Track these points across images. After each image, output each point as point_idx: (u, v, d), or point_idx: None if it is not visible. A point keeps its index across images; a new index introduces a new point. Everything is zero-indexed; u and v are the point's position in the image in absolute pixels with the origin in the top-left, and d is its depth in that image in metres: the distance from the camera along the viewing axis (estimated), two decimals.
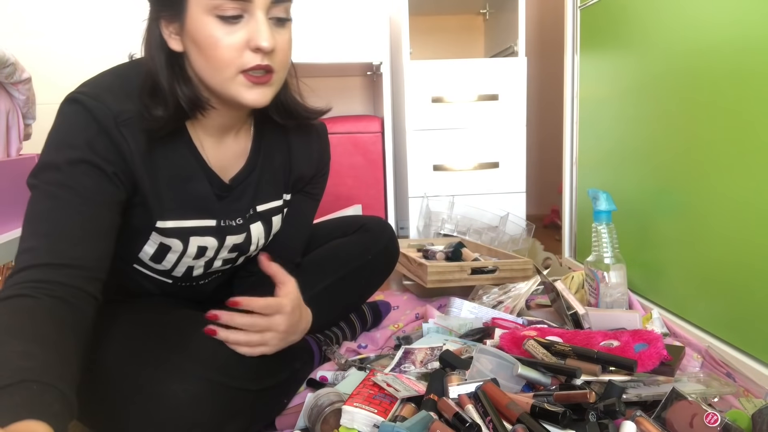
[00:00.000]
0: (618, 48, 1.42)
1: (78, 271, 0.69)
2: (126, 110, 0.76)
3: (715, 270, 1.08)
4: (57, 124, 0.77)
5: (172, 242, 0.86)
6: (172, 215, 0.85)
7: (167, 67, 0.79)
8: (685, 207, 1.16)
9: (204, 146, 0.87)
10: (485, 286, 1.44)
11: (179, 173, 0.84)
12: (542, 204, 2.68)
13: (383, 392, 0.84)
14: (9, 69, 1.05)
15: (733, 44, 1.01)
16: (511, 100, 2.01)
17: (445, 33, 2.58)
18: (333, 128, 2.06)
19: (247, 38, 0.75)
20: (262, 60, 0.76)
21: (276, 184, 0.97)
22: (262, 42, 0.75)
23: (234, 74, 0.77)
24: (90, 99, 0.75)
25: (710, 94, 1.07)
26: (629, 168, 1.39)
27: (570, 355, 0.91)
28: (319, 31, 1.94)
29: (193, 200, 0.86)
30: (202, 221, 0.88)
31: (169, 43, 0.79)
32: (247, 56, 0.76)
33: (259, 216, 0.96)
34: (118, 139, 0.76)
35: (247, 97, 0.78)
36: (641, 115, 1.32)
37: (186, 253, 0.88)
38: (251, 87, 0.78)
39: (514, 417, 0.74)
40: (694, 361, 1.03)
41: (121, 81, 0.80)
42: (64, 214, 0.71)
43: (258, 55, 0.76)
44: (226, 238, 0.91)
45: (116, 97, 0.77)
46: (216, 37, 0.74)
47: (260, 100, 0.79)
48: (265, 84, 0.79)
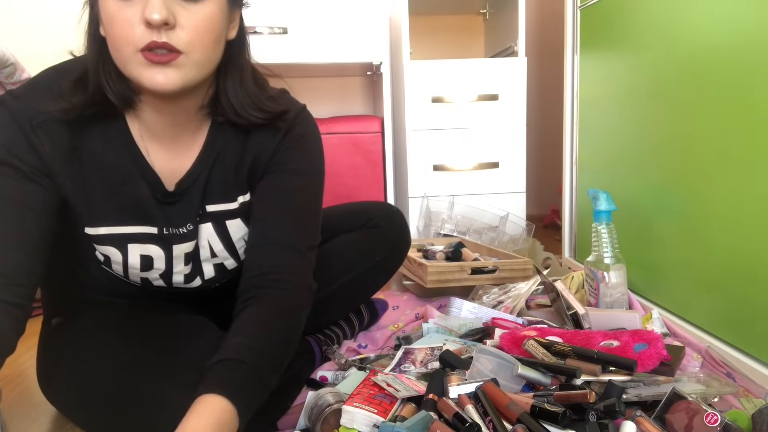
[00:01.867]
0: (618, 48, 1.42)
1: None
2: (47, 111, 0.73)
3: (715, 270, 1.08)
4: None
5: (108, 250, 0.82)
6: (103, 221, 0.80)
7: (95, 53, 0.74)
8: (686, 207, 1.16)
9: (150, 150, 0.81)
10: (485, 286, 1.44)
11: (112, 175, 0.79)
12: (542, 204, 2.68)
13: (383, 392, 0.84)
14: (9, 69, 1.05)
15: (733, 44, 1.01)
16: (511, 100, 2.01)
17: (445, 33, 2.58)
18: (333, 128, 2.06)
19: (141, 12, 0.67)
20: (158, 36, 0.67)
21: (228, 185, 0.87)
22: (151, 14, 0.66)
23: (132, 53, 0.68)
24: (13, 99, 0.74)
25: (710, 94, 1.07)
26: (629, 168, 1.39)
27: (570, 355, 0.91)
28: (319, 31, 1.94)
29: (129, 205, 0.81)
30: (140, 228, 0.82)
31: (99, 29, 0.73)
32: (141, 31, 0.67)
33: (210, 217, 0.87)
34: (34, 141, 0.73)
35: (147, 77, 0.69)
36: (641, 115, 1.32)
37: (129, 263, 0.83)
38: (149, 67, 0.69)
39: (514, 417, 0.74)
40: (694, 361, 1.03)
41: (57, 77, 0.77)
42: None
43: (152, 30, 0.67)
44: (173, 247, 0.85)
45: (42, 96, 0.74)
46: (112, 13, 0.68)
47: (163, 83, 0.69)
48: (167, 64, 0.69)
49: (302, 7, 1.92)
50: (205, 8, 0.70)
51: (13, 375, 1.24)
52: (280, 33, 1.91)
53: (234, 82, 0.80)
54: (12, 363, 1.29)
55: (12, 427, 1.01)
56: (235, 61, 0.80)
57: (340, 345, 1.17)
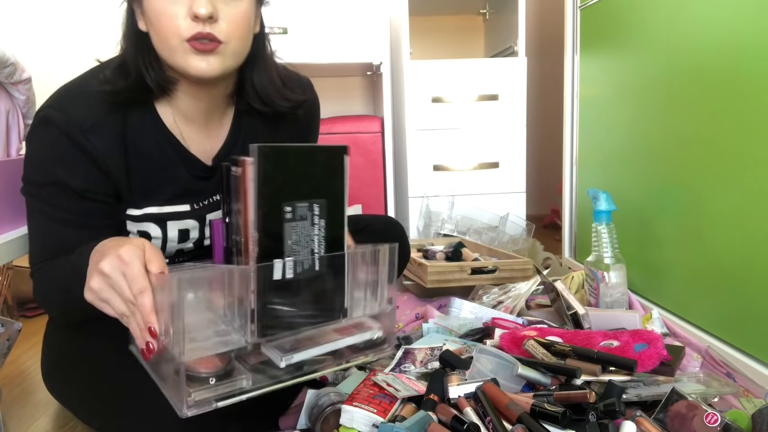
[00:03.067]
0: (618, 48, 1.42)
1: None
2: (93, 114, 0.80)
3: (715, 270, 1.08)
4: (32, 141, 0.83)
5: (148, 226, 0.88)
6: (146, 203, 0.87)
7: (135, 47, 0.81)
8: (685, 207, 1.16)
9: (184, 134, 0.89)
10: (485, 286, 1.44)
11: (153, 162, 0.86)
12: (542, 204, 2.68)
13: (383, 392, 0.84)
14: (9, 69, 1.05)
15: (733, 44, 1.01)
16: (511, 100, 2.01)
17: (445, 33, 2.58)
18: (333, 128, 2.06)
19: (188, 6, 0.76)
20: (203, 28, 0.76)
21: None
22: (198, 9, 0.74)
23: (179, 43, 0.77)
24: (58, 114, 0.79)
25: (710, 94, 1.07)
26: (629, 168, 1.38)
27: (570, 355, 0.91)
28: (319, 31, 1.93)
29: (167, 187, 0.88)
30: (177, 207, 0.90)
31: (138, 24, 0.81)
32: (187, 24, 0.76)
33: None
34: (87, 147, 0.80)
35: (192, 65, 0.78)
36: (641, 115, 1.32)
37: (167, 237, 0.90)
38: (195, 55, 0.77)
39: (514, 417, 0.74)
40: (694, 361, 1.03)
41: (86, 83, 0.83)
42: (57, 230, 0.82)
43: (198, 23, 0.76)
44: (206, 217, 0.93)
45: (82, 103, 0.81)
46: (160, 8, 0.76)
47: (207, 70, 0.78)
48: (211, 53, 0.78)
49: (302, 7, 1.92)
50: (242, 4, 0.80)
51: (13, 375, 1.24)
52: (280, 33, 1.91)
53: (260, 72, 0.89)
54: (12, 363, 1.29)
55: (12, 427, 1.01)
56: (260, 53, 0.89)
57: None
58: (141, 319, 0.63)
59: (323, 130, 2.05)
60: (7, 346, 0.92)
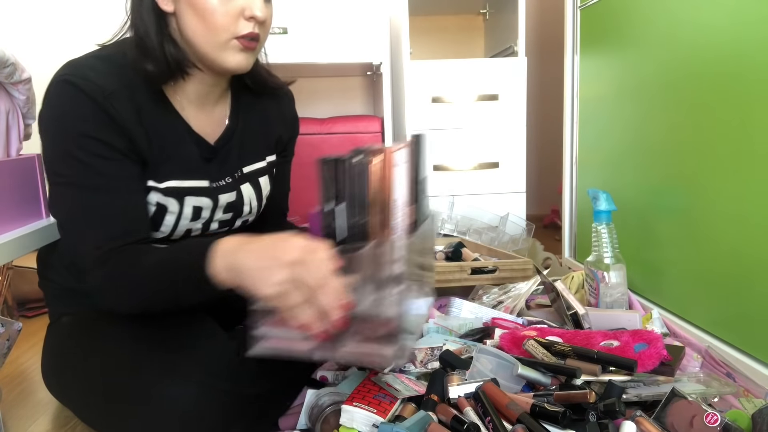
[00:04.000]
0: (618, 48, 1.42)
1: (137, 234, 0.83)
2: (110, 84, 0.81)
3: (715, 270, 1.08)
4: (54, 107, 0.81)
5: (168, 201, 0.89)
6: (168, 176, 0.89)
7: (156, 27, 0.84)
8: (685, 207, 1.16)
9: (186, 113, 0.91)
10: (485, 286, 1.44)
11: (169, 138, 0.88)
12: (542, 204, 2.68)
13: (383, 392, 0.84)
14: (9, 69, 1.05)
15: (733, 44, 1.01)
16: (511, 100, 2.01)
17: (445, 33, 2.58)
18: (333, 128, 2.06)
19: (242, 7, 0.82)
20: (254, 28, 0.84)
21: (258, 147, 1.03)
22: (257, 12, 0.83)
23: (228, 39, 0.83)
24: (78, 78, 0.79)
25: (710, 94, 1.07)
26: (629, 168, 1.38)
27: (570, 355, 0.91)
28: (319, 32, 1.93)
29: (185, 162, 0.91)
30: (196, 182, 0.92)
31: (159, 4, 0.83)
32: (242, 24, 0.83)
33: (247, 177, 1.01)
34: (111, 112, 0.80)
35: (235, 59, 0.85)
36: (641, 115, 1.32)
37: (182, 214, 0.91)
38: (241, 51, 0.85)
39: (514, 417, 0.74)
40: (694, 361, 1.03)
41: (101, 62, 0.83)
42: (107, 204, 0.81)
43: (251, 23, 0.84)
44: (219, 197, 0.95)
45: (99, 74, 0.81)
46: (215, 4, 0.81)
47: (244, 64, 0.86)
48: (252, 50, 0.87)
49: (302, 7, 1.92)
50: (271, 6, 0.89)
51: (13, 375, 1.24)
52: (280, 33, 1.91)
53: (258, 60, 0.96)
54: (12, 363, 1.29)
55: (12, 427, 1.01)
56: None
57: None
58: (331, 299, 0.67)
59: (323, 130, 2.06)
60: (7, 346, 0.92)
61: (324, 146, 2.05)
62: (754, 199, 0.97)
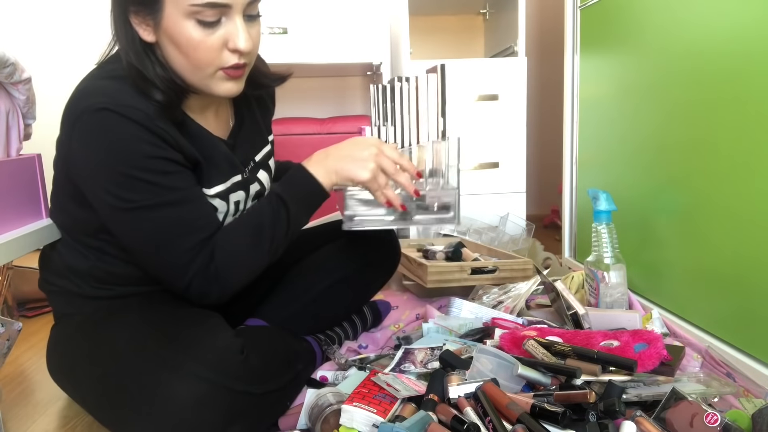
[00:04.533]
0: (618, 48, 1.42)
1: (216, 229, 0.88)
2: (145, 105, 0.80)
3: (715, 270, 1.08)
4: (100, 137, 0.78)
5: (220, 204, 0.92)
6: (214, 181, 0.91)
7: (145, 57, 0.82)
8: (685, 207, 1.16)
9: (200, 121, 0.92)
10: (485, 286, 1.44)
11: (206, 144, 0.90)
12: (542, 204, 2.68)
13: (383, 392, 0.84)
14: (9, 69, 1.05)
15: (733, 44, 1.01)
16: (511, 100, 2.01)
17: (445, 33, 2.58)
18: (333, 128, 2.06)
19: (225, 39, 0.80)
20: (239, 59, 0.82)
21: (260, 132, 1.05)
22: (241, 44, 0.80)
23: (213, 72, 0.82)
24: (115, 105, 0.77)
25: (710, 94, 1.07)
26: (629, 168, 1.39)
27: (570, 355, 0.91)
28: (319, 32, 1.94)
29: (223, 161, 0.93)
30: (234, 179, 0.95)
31: (140, 34, 0.81)
32: (226, 56, 0.81)
33: (260, 165, 1.04)
34: (160, 132, 0.80)
35: (222, 89, 0.85)
36: (641, 115, 1.32)
37: (228, 212, 0.94)
38: (228, 80, 0.84)
39: (514, 417, 0.74)
40: (694, 361, 1.03)
41: (121, 84, 0.81)
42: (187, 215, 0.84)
43: (236, 54, 0.81)
44: (249, 188, 0.99)
45: (131, 97, 0.80)
46: (197, 40, 0.78)
47: (234, 90, 0.86)
48: (240, 77, 0.85)
49: (302, 7, 1.92)
50: (258, 25, 0.85)
51: (13, 375, 1.24)
52: (280, 33, 1.91)
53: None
54: (12, 363, 1.29)
55: (12, 427, 1.01)
56: None
57: (341, 345, 1.17)
58: (410, 170, 0.96)
59: (323, 130, 2.06)
60: (7, 346, 0.92)
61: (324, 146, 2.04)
62: (753, 199, 0.97)
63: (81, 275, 0.94)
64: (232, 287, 0.88)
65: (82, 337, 0.90)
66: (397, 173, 0.93)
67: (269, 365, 0.87)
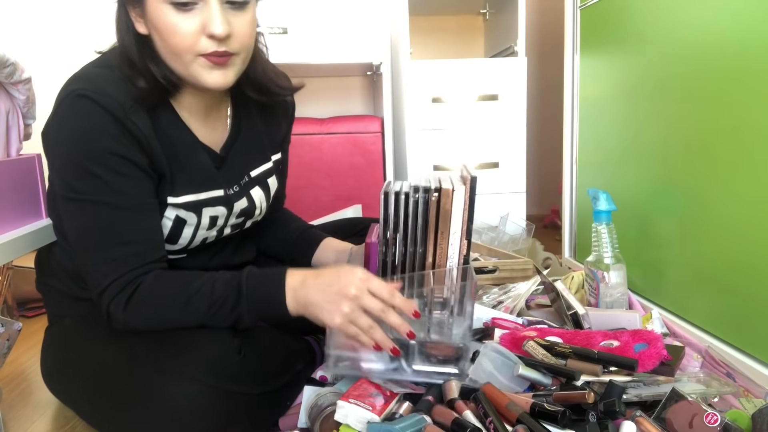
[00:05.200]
0: (618, 48, 1.42)
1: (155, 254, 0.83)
2: (127, 98, 0.79)
3: (715, 270, 1.08)
4: (70, 122, 0.78)
5: (187, 215, 0.89)
6: (184, 190, 0.88)
7: (137, 48, 0.81)
8: (685, 207, 1.16)
9: (193, 128, 0.90)
10: (485, 286, 1.44)
11: (182, 148, 0.87)
12: (542, 204, 2.68)
13: (380, 390, 0.84)
14: (9, 69, 1.05)
15: (733, 44, 1.00)
16: (511, 100, 2.01)
17: (445, 33, 2.58)
18: (333, 128, 2.06)
19: (201, 24, 0.77)
20: (218, 46, 0.78)
21: (263, 148, 1.02)
22: (215, 29, 0.76)
23: (193, 58, 0.79)
24: (96, 93, 0.77)
25: (710, 94, 1.07)
26: (629, 168, 1.38)
27: (570, 356, 0.91)
28: (319, 32, 1.93)
29: (199, 172, 0.90)
30: (211, 192, 0.91)
31: (135, 26, 0.81)
32: (203, 42, 0.78)
33: (256, 181, 1.00)
34: (131, 128, 0.79)
35: (208, 79, 0.80)
36: (641, 115, 1.32)
37: (200, 225, 0.91)
38: (211, 69, 0.80)
39: (514, 418, 0.74)
40: (694, 361, 1.03)
41: (111, 72, 0.82)
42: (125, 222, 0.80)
43: (213, 41, 0.78)
44: (234, 205, 0.95)
45: (114, 87, 0.79)
46: (172, 24, 0.76)
47: (221, 81, 0.81)
48: (225, 66, 0.81)
49: (302, 8, 1.92)
50: (249, 13, 0.81)
51: (13, 375, 1.24)
52: (280, 33, 1.91)
53: (254, 64, 0.90)
54: (12, 363, 1.29)
55: (12, 427, 1.01)
56: (255, 47, 0.90)
57: None
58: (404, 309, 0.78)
59: (323, 130, 2.06)
60: (7, 346, 0.92)
61: (324, 146, 2.05)
62: (753, 199, 0.97)
63: (70, 275, 0.94)
64: (137, 327, 0.82)
65: (77, 345, 0.89)
66: (386, 312, 0.78)
67: (268, 365, 0.87)
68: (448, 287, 0.87)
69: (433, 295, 0.87)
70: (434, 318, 0.87)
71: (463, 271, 0.89)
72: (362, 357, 0.85)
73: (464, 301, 0.87)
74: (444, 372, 0.86)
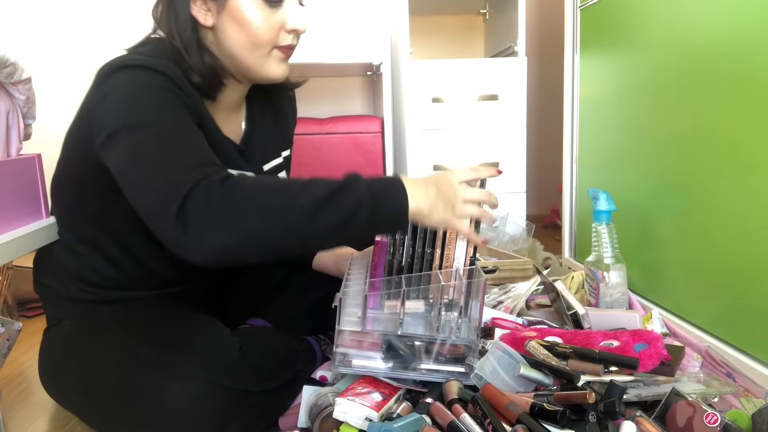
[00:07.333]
0: (618, 48, 1.42)
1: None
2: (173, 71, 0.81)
3: (715, 270, 1.08)
4: (125, 86, 0.76)
5: None
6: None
7: (195, 40, 0.85)
8: (686, 207, 1.16)
9: (217, 120, 0.92)
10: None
11: (211, 135, 0.89)
12: (542, 204, 2.68)
13: (379, 389, 0.84)
14: (9, 69, 1.05)
15: (733, 44, 1.00)
16: (511, 100, 2.01)
17: (445, 33, 2.58)
18: (333, 128, 2.06)
19: (283, 20, 0.86)
20: (293, 40, 0.89)
21: (274, 144, 1.06)
22: (299, 26, 0.88)
23: (270, 50, 0.87)
24: (145, 62, 0.78)
25: (710, 94, 1.07)
26: (629, 168, 1.38)
27: (571, 356, 0.91)
28: (319, 32, 1.94)
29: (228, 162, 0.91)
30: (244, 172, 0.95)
31: (198, 18, 0.84)
32: (282, 36, 0.87)
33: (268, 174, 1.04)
34: (180, 92, 0.80)
35: (277, 70, 0.89)
36: (641, 115, 1.32)
37: None
38: (281, 61, 0.89)
39: (514, 418, 0.74)
40: (694, 361, 1.03)
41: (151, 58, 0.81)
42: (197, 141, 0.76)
43: (291, 35, 0.88)
44: None
45: (160, 63, 0.80)
46: (261, 18, 0.84)
47: (284, 74, 0.91)
48: (288, 59, 0.91)
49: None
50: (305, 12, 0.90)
51: (13, 375, 1.24)
52: None
53: None
54: (12, 363, 1.29)
55: (12, 427, 1.01)
56: None
57: None
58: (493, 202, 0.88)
59: (323, 130, 2.06)
60: (7, 346, 0.92)
61: (324, 146, 2.05)
62: (753, 199, 0.97)
63: (69, 275, 0.93)
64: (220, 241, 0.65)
65: (76, 346, 0.89)
66: (483, 214, 0.86)
67: (268, 364, 0.87)
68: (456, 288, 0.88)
69: (441, 295, 0.88)
70: (442, 318, 0.88)
71: (470, 271, 0.90)
72: (368, 355, 0.86)
73: (471, 302, 0.88)
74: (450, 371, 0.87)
